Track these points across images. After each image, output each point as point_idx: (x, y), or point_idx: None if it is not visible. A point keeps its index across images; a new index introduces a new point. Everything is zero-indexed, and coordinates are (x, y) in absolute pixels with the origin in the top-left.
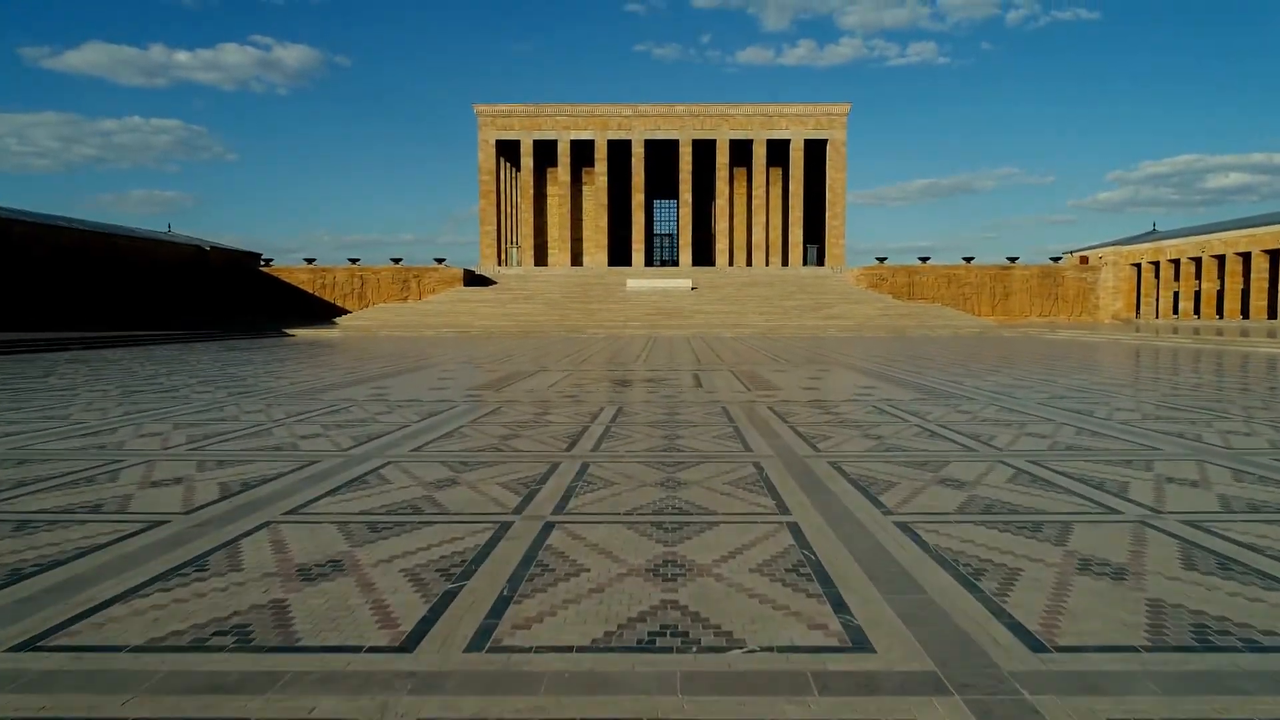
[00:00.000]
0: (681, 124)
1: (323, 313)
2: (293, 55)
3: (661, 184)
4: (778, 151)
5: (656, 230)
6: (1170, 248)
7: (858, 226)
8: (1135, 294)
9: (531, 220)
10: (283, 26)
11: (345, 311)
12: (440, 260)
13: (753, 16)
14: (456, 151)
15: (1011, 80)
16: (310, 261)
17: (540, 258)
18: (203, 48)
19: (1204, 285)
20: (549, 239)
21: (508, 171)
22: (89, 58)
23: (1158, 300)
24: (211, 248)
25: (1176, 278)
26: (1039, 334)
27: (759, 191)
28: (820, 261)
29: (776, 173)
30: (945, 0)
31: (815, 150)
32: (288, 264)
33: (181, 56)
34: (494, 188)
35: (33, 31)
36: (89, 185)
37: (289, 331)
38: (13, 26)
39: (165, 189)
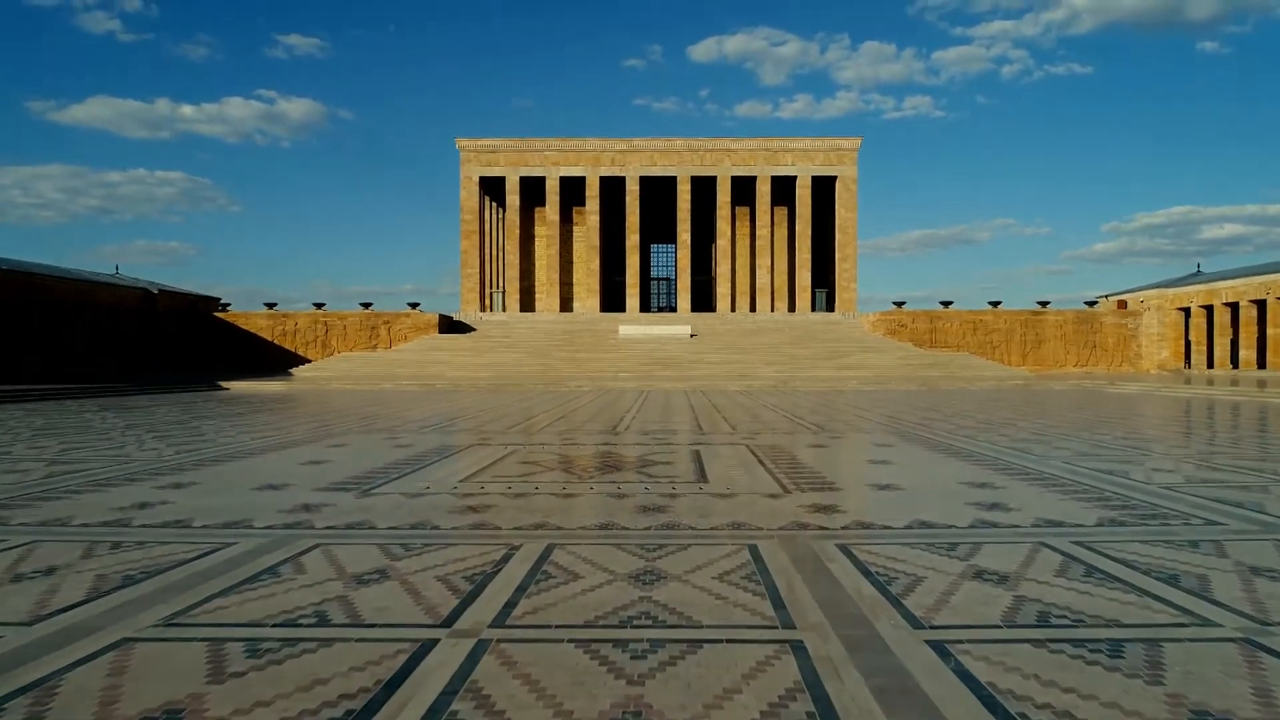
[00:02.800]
0: (680, 159)
1: (283, 362)
2: (296, 109)
3: (658, 226)
4: (783, 189)
5: (653, 274)
6: (1226, 289)
7: (859, 274)
8: (1184, 341)
9: (518, 263)
10: (287, 81)
11: (307, 361)
12: (414, 305)
13: (750, 71)
14: (455, 201)
15: (1007, 133)
16: (271, 306)
17: (527, 303)
18: (207, 101)
19: (1270, 331)
20: (536, 283)
21: (493, 211)
22: (94, 111)
23: (1211, 348)
24: (160, 290)
25: (1234, 323)
26: (1097, 386)
27: (763, 232)
28: (829, 307)
29: (781, 212)
30: (940, 55)
31: (823, 189)
32: (246, 309)
33: (186, 110)
34: (477, 228)
35: (39, 86)
36: (92, 236)
37: (224, 384)
38: (18, 81)
39: (168, 240)
